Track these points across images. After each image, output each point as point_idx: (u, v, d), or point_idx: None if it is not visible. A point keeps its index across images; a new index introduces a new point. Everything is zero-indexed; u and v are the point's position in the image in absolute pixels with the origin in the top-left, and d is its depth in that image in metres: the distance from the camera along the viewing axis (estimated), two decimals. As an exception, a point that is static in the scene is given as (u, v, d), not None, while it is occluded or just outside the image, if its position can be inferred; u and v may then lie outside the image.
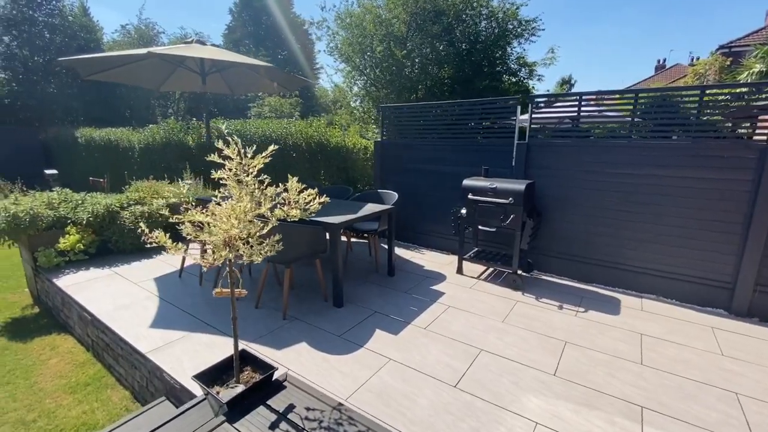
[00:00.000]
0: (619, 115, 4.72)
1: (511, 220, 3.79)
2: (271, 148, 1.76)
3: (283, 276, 3.49)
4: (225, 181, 1.74)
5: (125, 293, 3.80)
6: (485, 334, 3.07)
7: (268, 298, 3.67)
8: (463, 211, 4.13)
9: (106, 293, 3.77)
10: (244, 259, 1.70)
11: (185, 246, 2.05)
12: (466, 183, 4.14)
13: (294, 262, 3.34)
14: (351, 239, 5.27)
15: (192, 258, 1.92)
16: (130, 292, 3.82)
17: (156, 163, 8.54)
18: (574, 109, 4.10)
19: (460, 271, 4.37)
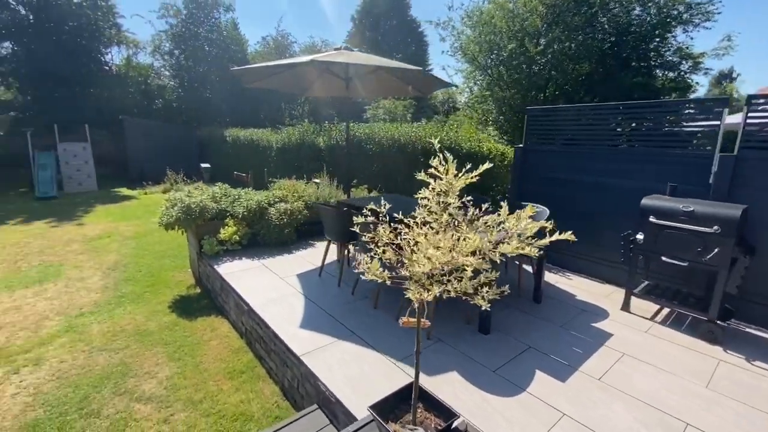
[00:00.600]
0: None
1: (716, 254, 2.97)
2: (484, 167, 1.47)
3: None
4: (428, 203, 1.52)
5: (273, 287, 4.02)
6: (685, 400, 2.41)
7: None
8: (640, 236, 3.40)
9: (258, 285, 4.04)
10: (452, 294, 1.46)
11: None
12: (646, 203, 3.40)
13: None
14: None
15: (360, 267, 1.72)
16: (276, 286, 4.04)
17: (290, 162, 9.28)
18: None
19: (626, 307, 3.63)
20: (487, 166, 1.48)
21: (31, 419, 2.69)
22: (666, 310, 3.63)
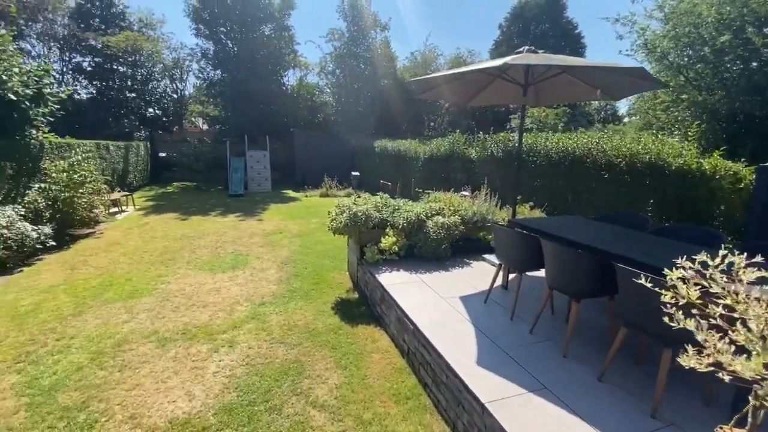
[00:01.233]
0: None
1: None
2: None
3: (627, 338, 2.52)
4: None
5: (435, 307, 3.76)
6: None
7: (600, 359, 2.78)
8: None
9: (420, 302, 3.84)
10: None
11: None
12: None
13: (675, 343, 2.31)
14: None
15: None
16: (440, 307, 3.76)
17: (436, 173, 9.15)
18: None
19: None
20: None
21: (228, 402, 2.95)
22: None
